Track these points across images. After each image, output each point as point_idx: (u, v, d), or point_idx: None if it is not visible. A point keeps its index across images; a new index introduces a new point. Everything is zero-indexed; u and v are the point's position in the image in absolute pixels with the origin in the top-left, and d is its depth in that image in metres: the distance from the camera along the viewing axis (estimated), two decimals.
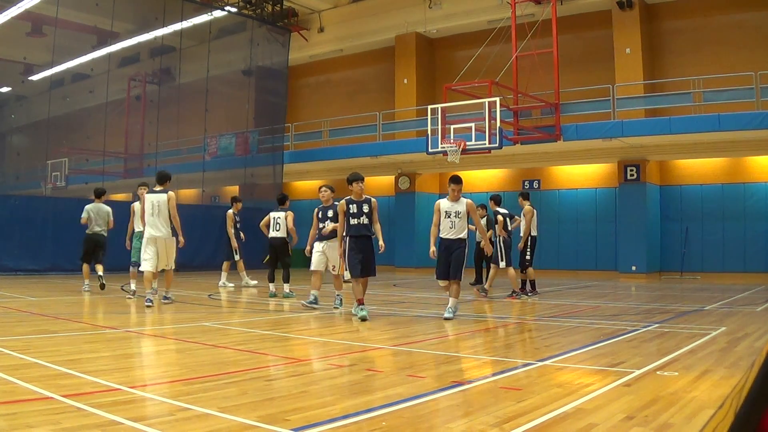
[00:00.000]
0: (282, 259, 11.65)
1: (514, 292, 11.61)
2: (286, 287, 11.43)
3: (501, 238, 11.63)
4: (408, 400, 3.96)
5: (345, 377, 4.66)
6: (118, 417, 3.39)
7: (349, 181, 8.54)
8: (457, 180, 8.48)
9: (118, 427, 3.24)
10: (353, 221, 8.36)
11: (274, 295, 11.44)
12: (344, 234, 8.39)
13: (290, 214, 11.54)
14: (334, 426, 3.35)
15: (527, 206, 11.82)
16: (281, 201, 11.72)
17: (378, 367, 5.15)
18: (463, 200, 8.40)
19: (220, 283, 13.72)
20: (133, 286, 10.63)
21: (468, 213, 8.36)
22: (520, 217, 11.93)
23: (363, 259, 8.27)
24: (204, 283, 14.98)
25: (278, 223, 11.51)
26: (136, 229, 10.59)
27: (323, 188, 9.60)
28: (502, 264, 11.53)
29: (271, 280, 11.68)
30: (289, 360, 5.69)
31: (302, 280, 12.37)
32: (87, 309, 9.46)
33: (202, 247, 19.43)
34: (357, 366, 5.12)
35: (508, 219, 11.86)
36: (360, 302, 8.30)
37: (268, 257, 12.17)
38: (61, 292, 12.10)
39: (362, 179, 8.54)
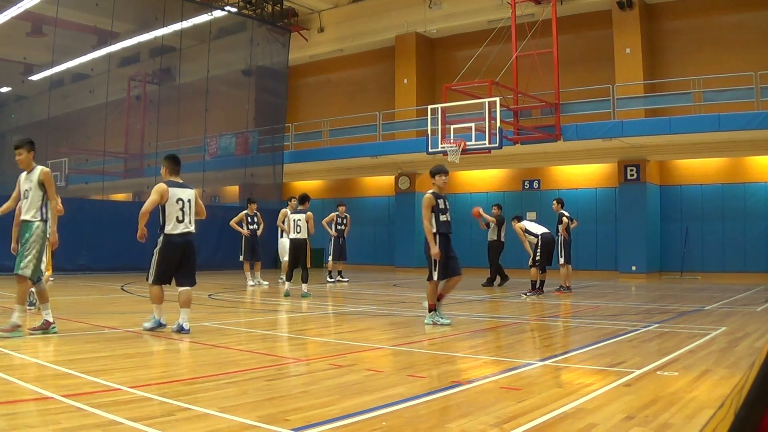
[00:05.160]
0: (302, 260, 11.54)
1: (562, 287, 12.67)
2: (305, 287, 11.43)
3: (562, 238, 12.63)
4: (408, 400, 3.96)
5: (345, 377, 4.66)
6: (118, 417, 3.39)
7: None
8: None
9: (118, 427, 3.24)
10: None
11: (288, 295, 11.47)
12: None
13: (311, 215, 11.50)
14: (334, 426, 3.34)
15: (516, 226, 12.92)
16: (302, 201, 11.64)
17: (378, 367, 5.15)
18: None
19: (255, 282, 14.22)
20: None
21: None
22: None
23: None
24: (204, 283, 14.96)
25: (299, 225, 11.44)
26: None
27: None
28: (561, 260, 12.57)
29: (289, 279, 11.82)
30: (289, 360, 5.69)
31: (315, 281, 12.35)
32: (87, 309, 9.45)
33: (201, 247, 19.40)
34: (357, 366, 5.12)
35: (569, 220, 12.76)
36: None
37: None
38: (60, 292, 12.10)
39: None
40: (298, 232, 11.46)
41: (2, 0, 17.93)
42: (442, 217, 7.56)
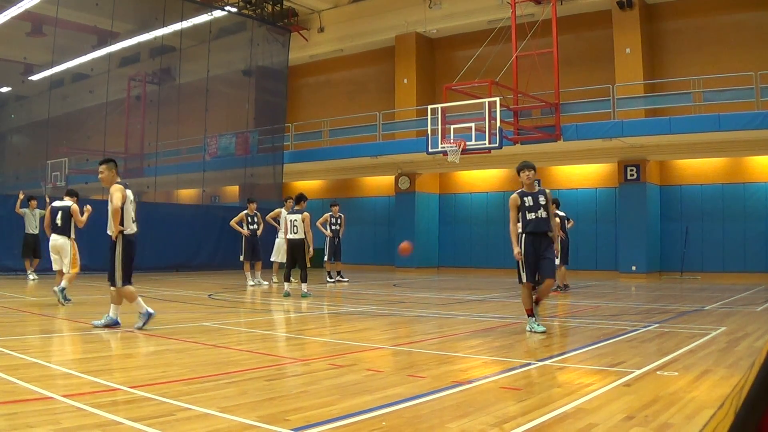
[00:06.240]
0: (299, 260, 11.50)
1: (558, 287, 12.56)
2: (304, 287, 11.42)
3: (559, 238, 12.50)
4: (408, 400, 3.96)
5: (345, 377, 4.66)
6: (118, 417, 3.39)
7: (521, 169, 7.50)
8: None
9: (118, 427, 3.24)
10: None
11: (288, 295, 11.45)
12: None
13: (307, 215, 11.41)
14: (334, 426, 3.34)
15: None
16: (298, 201, 11.60)
17: (378, 367, 5.15)
18: None
19: (255, 282, 14.28)
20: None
21: None
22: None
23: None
24: (204, 283, 14.99)
25: (295, 225, 11.38)
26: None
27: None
28: (557, 262, 12.44)
29: (287, 279, 11.73)
30: (289, 360, 5.70)
31: (315, 281, 12.34)
32: (87, 309, 9.45)
33: (202, 247, 19.44)
34: (357, 366, 5.12)
35: (565, 220, 12.87)
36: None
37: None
38: None
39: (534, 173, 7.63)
40: (294, 233, 11.41)
41: (2, 0, 17.92)
42: (529, 215, 7.16)
